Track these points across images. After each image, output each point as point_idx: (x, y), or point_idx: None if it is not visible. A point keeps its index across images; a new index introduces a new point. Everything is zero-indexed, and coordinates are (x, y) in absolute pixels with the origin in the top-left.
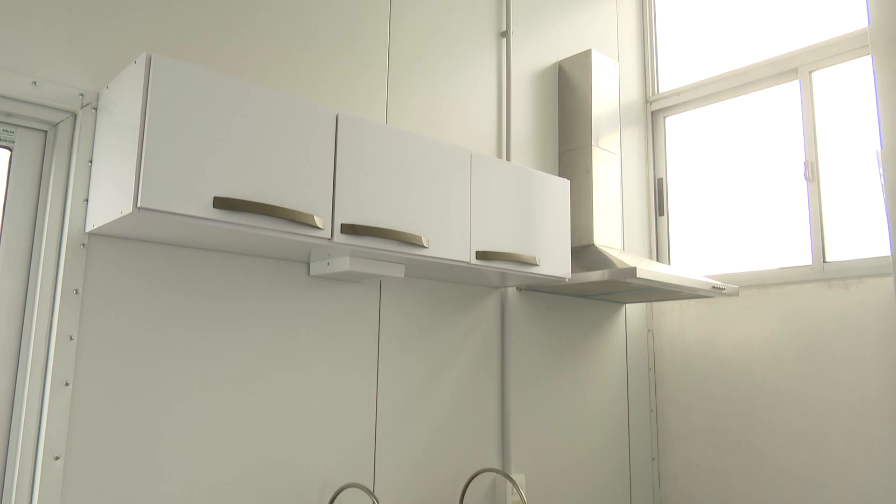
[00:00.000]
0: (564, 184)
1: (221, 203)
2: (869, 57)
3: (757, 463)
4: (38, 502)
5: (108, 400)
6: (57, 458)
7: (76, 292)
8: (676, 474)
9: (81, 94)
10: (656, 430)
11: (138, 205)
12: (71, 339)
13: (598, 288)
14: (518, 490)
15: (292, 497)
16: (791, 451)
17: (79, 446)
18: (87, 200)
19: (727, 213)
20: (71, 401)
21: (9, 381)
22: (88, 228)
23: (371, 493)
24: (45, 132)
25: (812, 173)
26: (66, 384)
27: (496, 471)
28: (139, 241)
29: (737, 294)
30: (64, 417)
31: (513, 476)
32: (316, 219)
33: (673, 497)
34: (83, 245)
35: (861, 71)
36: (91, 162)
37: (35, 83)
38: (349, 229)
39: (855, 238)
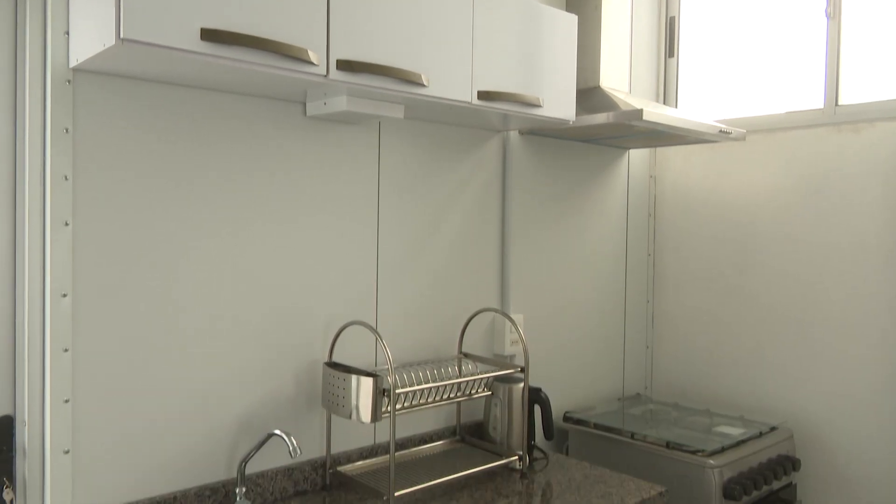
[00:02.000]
0: (572, 20)
1: (209, 35)
2: None
3: (751, 305)
4: (51, 339)
5: (109, 240)
6: (64, 296)
7: (66, 131)
8: (670, 316)
9: None
10: (653, 274)
11: (121, 36)
12: (66, 178)
13: (602, 132)
14: (517, 328)
15: (298, 336)
16: (785, 294)
17: (84, 284)
18: (67, 33)
19: (740, 54)
20: (72, 240)
21: (8, 223)
22: (72, 64)
23: (374, 330)
24: None
25: (833, 9)
26: (66, 224)
27: (495, 310)
28: (128, 77)
29: (743, 139)
30: (67, 256)
31: (511, 316)
32: (310, 53)
33: (666, 336)
34: (68, 82)
35: None
36: None
37: None
38: (345, 66)
39: (871, 80)
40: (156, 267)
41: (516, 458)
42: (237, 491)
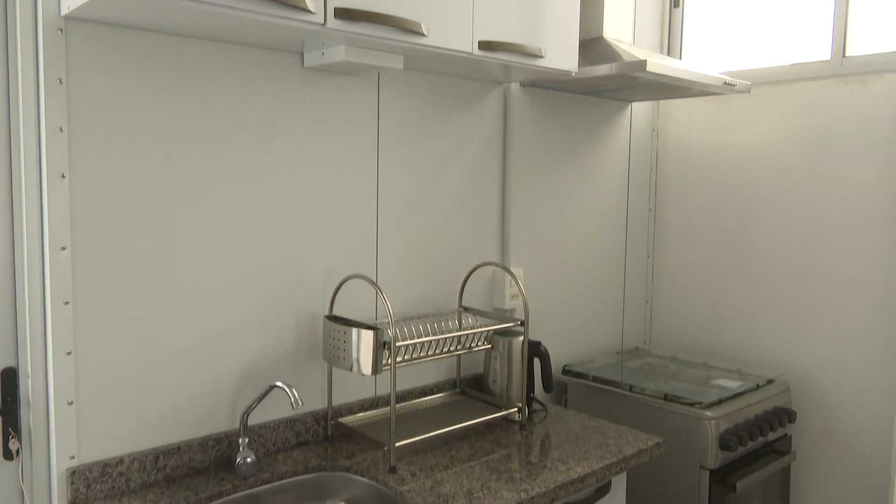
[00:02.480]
0: None
1: None
2: None
3: (752, 259)
4: (51, 292)
5: (107, 191)
6: (63, 249)
7: (60, 81)
8: (671, 270)
9: None
10: (654, 228)
11: None
12: (61, 130)
13: (604, 84)
14: (517, 282)
15: (297, 289)
16: (787, 248)
17: (83, 237)
18: None
19: (747, 4)
20: (69, 193)
21: (4, 176)
22: (64, 12)
23: (374, 283)
24: None
25: None
26: (63, 176)
27: (495, 264)
28: (121, 26)
29: (748, 91)
30: (65, 209)
31: (512, 270)
32: (307, 1)
33: (666, 290)
34: (60, 30)
35: None
36: None
37: None
38: (343, 14)
39: (880, 31)
40: (155, 219)
41: (515, 410)
42: (240, 441)
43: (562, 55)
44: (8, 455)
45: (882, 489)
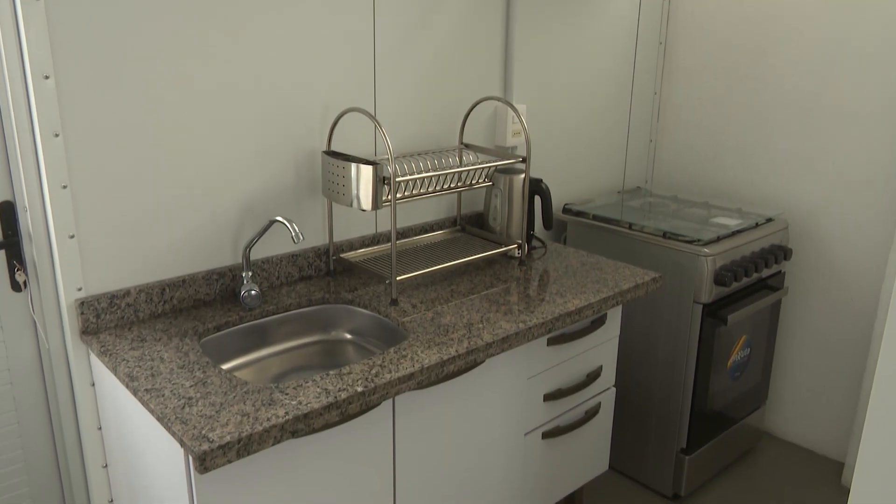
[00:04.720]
0: None
1: None
2: None
3: (760, 93)
4: (39, 124)
5: (90, 14)
6: (46, 78)
7: None
8: (677, 108)
9: None
10: (663, 63)
11: None
12: None
13: None
14: (519, 118)
15: (295, 123)
16: (795, 80)
17: (67, 65)
18: None
19: None
20: (46, 16)
21: None
22: None
23: (372, 117)
24: None
25: None
26: None
27: (498, 99)
28: None
29: None
30: (43, 35)
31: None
32: None
33: (671, 128)
34: None
35: None
36: None
37: None
38: None
39: None
40: (144, 49)
41: (515, 246)
42: (244, 275)
43: None
44: (16, 287)
45: (867, 320)
